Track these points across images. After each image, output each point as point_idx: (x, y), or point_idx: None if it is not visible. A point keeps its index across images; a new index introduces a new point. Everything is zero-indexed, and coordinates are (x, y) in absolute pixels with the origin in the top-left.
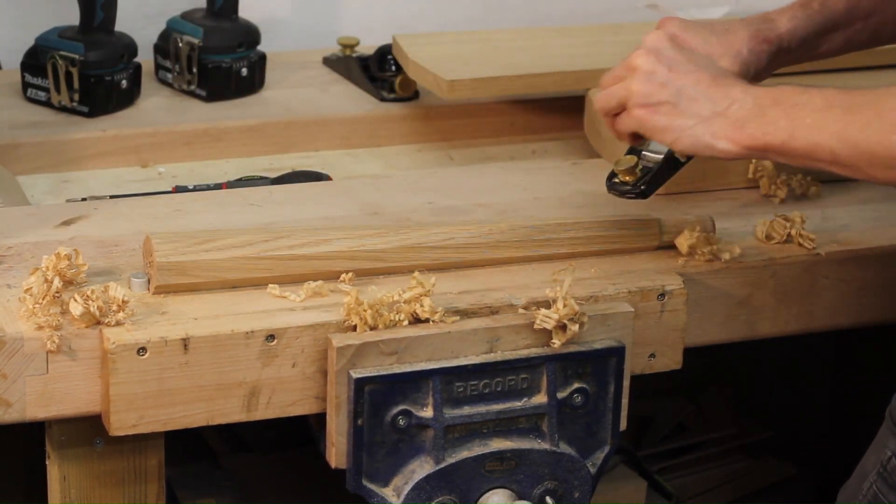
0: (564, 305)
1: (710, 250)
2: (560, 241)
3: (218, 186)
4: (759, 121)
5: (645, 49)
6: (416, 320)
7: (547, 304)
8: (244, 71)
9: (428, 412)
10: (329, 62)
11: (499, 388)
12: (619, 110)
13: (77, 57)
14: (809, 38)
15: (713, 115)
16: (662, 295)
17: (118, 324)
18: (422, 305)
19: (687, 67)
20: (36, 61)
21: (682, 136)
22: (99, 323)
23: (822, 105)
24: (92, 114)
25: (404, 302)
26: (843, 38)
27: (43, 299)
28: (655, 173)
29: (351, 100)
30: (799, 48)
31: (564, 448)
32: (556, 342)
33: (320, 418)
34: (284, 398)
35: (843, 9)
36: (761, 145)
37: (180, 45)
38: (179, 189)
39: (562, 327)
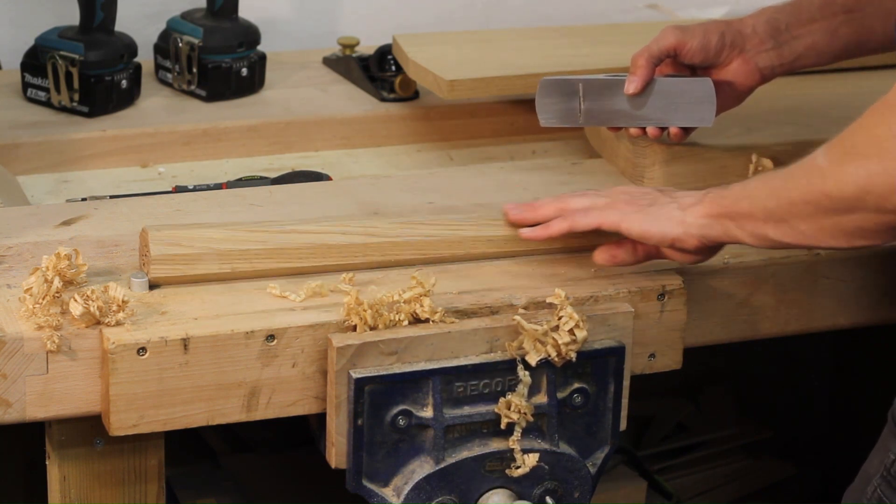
0: (569, 331)
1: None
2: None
3: (218, 186)
4: (715, 194)
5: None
6: (416, 320)
7: (546, 306)
8: (244, 71)
9: (428, 412)
10: (329, 62)
11: (499, 388)
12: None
13: (77, 57)
14: (778, 24)
15: (679, 202)
16: (662, 295)
17: (118, 324)
18: (422, 305)
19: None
20: (36, 61)
21: (656, 219)
22: (99, 323)
23: (763, 177)
24: (92, 114)
25: (404, 302)
26: (824, 29)
27: (43, 299)
28: None
29: (351, 100)
30: (770, 33)
31: (564, 448)
32: (572, 356)
33: (320, 418)
34: (284, 398)
35: (817, 2)
36: (718, 212)
37: (180, 45)
38: (179, 189)
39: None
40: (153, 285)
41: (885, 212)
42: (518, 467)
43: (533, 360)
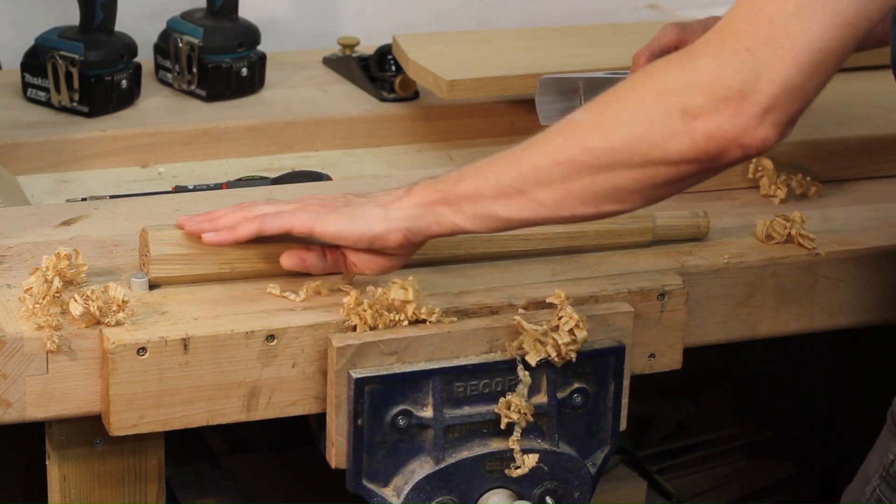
0: (569, 331)
1: None
2: (554, 234)
3: (218, 186)
4: (426, 183)
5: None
6: (416, 320)
7: (546, 306)
8: (244, 71)
9: (428, 412)
10: (329, 62)
11: (499, 388)
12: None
13: (77, 57)
14: None
15: (378, 201)
16: (662, 295)
17: (118, 324)
18: (413, 311)
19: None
20: (36, 61)
21: (353, 218)
22: (99, 323)
23: (495, 155)
24: (92, 114)
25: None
26: None
27: (43, 299)
28: None
29: (351, 100)
30: None
31: (564, 448)
32: (572, 356)
33: (320, 418)
34: (284, 398)
35: None
36: (430, 200)
37: (180, 45)
38: (179, 189)
39: (572, 342)
40: (153, 285)
41: (650, 164)
42: (518, 467)
43: (533, 360)
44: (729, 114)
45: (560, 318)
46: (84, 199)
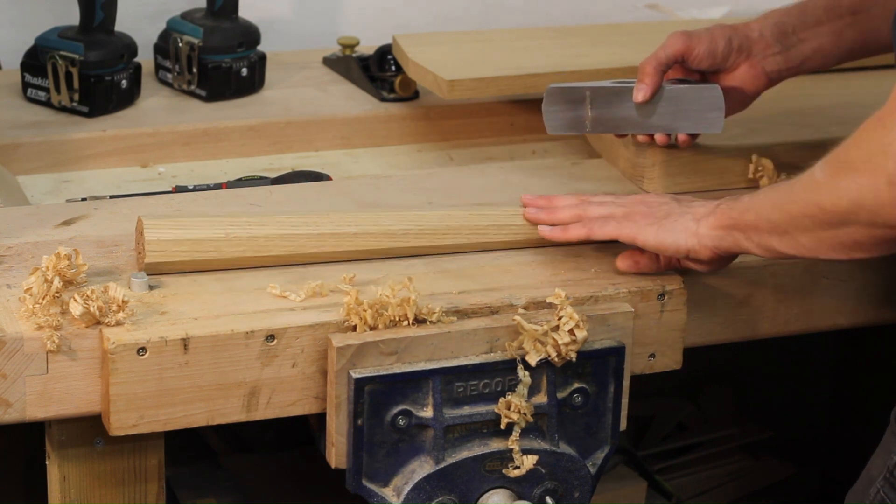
0: (569, 331)
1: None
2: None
3: (218, 186)
4: (726, 205)
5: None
6: (416, 320)
7: (546, 306)
8: (244, 71)
9: (428, 412)
10: (329, 62)
11: (499, 388)
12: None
13: (77, 57)
14: (785, 27)
15: (693, 213)
16: (662, 295)
17: (118, 324)
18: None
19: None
20: (36, 61)
21: (671, 231)
22: (99, 323)
23: (769, 189)
24: (92, 114)
25: (397, 304)
26: (830, 31)
27: (43, 299)
28: None
29: (351, 100)
30: (776, 37)
31: (564, 448)
32: (572, 356)
33: (320, 418)
34: (284, 398)
35: (822, 4)
36: (727, 224)
37: (180, 45)
38: (179, 189)
39: (572, 341)
40: (150, 271)
41: (876, 226)
42: (517, 468)
43: (533, 360)
44: None
45: (560, 318)
46: (84, 199)
